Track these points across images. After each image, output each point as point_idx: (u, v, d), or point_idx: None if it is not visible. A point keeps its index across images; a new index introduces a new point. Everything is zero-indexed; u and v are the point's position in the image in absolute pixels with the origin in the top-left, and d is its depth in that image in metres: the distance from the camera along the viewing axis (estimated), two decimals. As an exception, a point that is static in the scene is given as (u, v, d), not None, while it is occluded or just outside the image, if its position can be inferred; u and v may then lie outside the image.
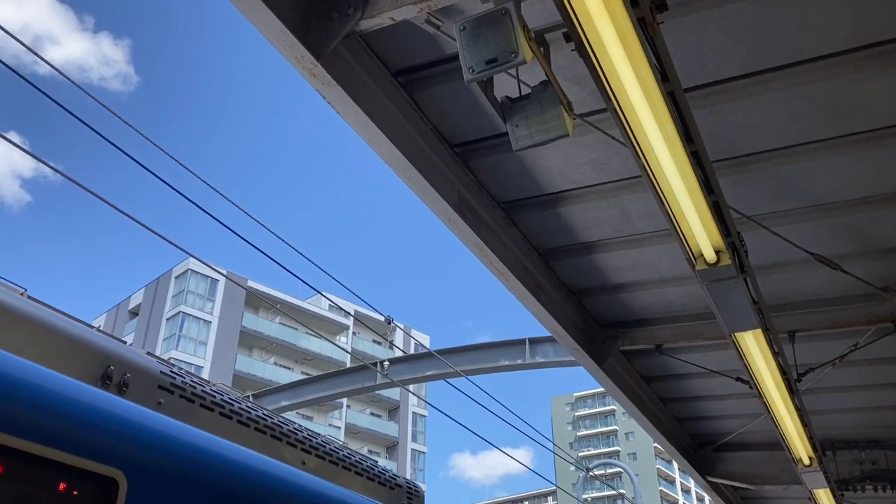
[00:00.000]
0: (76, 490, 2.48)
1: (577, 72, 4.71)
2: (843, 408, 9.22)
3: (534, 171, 5.73)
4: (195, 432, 3.24)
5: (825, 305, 6.94)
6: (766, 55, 4.47)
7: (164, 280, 56.97)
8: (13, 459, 2.35)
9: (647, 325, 7.66)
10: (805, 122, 4.95)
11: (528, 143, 3.55)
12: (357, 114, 4.48)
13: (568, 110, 3.55)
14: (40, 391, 2.53)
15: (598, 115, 5.03)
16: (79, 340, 3.51)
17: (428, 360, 13.42)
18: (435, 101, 5.16)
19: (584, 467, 20.77)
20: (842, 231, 5.96)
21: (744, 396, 9.05)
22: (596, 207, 6.04)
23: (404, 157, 4.92)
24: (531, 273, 6.58)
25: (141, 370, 3.76)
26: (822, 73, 4.54)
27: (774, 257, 6.33)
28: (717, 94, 4.79)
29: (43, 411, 2.47)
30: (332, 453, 4.88)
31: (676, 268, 6.70)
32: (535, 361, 12.79)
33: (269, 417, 4.53)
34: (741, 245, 4.72)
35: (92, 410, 2.65)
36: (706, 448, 10.70)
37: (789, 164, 5.30)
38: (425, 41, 4.68)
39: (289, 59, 4.12)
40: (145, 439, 2.82)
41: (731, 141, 5.17)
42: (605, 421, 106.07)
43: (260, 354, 58.79)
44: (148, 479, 2.73)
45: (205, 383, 4.22)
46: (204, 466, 3.10)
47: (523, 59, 3.07)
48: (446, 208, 5.38)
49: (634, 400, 8.59)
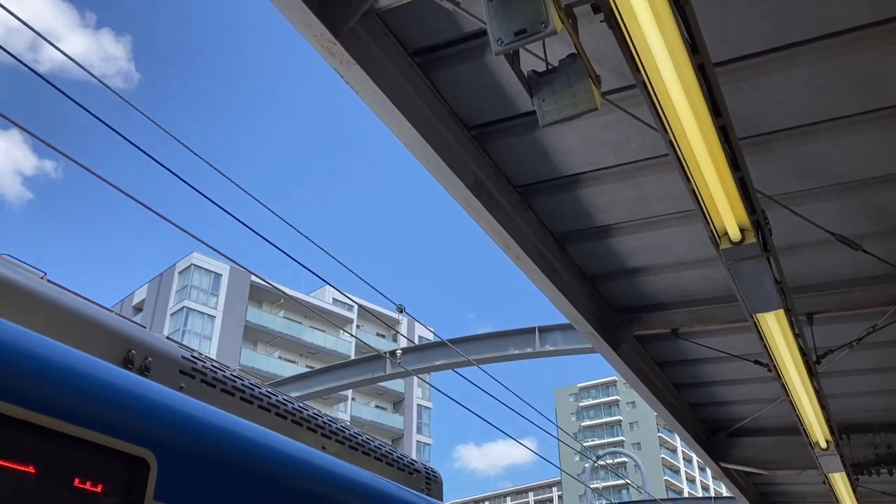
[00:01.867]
0: (107, 470, 2.43)
1: (597, 49, 4.64)
2: (859, 391, 9.16)
3: (551, 154, 5.66)
4: (222, 414, 3.19)
5: (844, 287, 6.87)
6: (790, 29, 4.39)
7: (168, 275, 56.94)
8: (41, 438, 2.29)
9: (662, 310, 7.59)
10: (828, 99, 4.87)
11: (556, 117, 3.48)
12: (375, 93, 4.41)
13: (596, 84, 3.48)
14: (68, 371, 2.47)
15: (618, 93, 4.96)
16: (100, 324, 3.45)
17: (438, 350, 13.38)
18: (452, 81, 5.09)
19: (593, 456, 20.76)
20: (863, 210, 5.89)
21: (758, 381, 8.99)
22: (613, 190, 5.97)
23: (423, 138, 4.86)
24: (547, 258, 6.52)
25: (162, 354, 3.71)
26: (847, 47, 4.46)
27: (793, 238, 6.26)
28: (739, 70, 4.72)
29: (72, 391, 2.42)
30: (351, 438, 4.83)
31: (693, 251, 6.63)
32: (544, 349, 12.76)
33: (288, 402, 4.48)
34: (766, 223, 4.66)
35: (121, 391, 2.60)
36: (719, 434, 10.65)
37: (811, 142, 5.22)
38: (443, 19, 4.60)
39: (307, 38, 4.05)
40: (174, 420, 2.77)
41: (752, 119, 5.10)
42: (610, 411, 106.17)
43: (264, 348, 58.82)
44: (178, 459, 2.68)
45: (225, 368, 4.17)
46: (232, 447, 3.04)
47: (554, 29, 3.00)
48: (464, 191, 5.31)
49: (649, 385, 8.54)
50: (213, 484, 2.93)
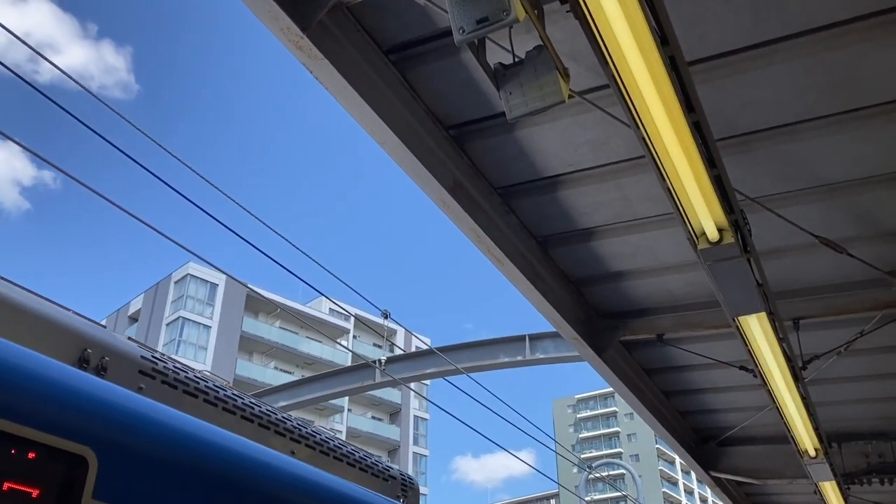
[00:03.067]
0: (42, 468, 2.32)
1: (572, 46, 4.56)
2: (849, 399, 9.05)
3: (531, 154, 5.58)
4: (176, 414, 3.08)
5: (830, 291, 6.78)
6: (769, 25, 4.31)
7: (164, 285, 56.80)
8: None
9: (647, 315, 7.50)
10: (810, 97, 4.79)
11: (524, 110, 3.39)
12: (346, 90, 4.32)
13: (563, 76, 3.39)
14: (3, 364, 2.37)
15: (596, 92, 4.88)
16: (52, 321, 3.35)
17: (428, 358, 13.26)
18: (428, 80, 5.01)
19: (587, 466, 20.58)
20: (848, 213, 5.81)
21: (747, 388, 8.88)
22: (595, 191, 5.89)
23: (397, 137, 4.77)
24: (529, 261, 6.43)
25: (120, 354, 3.60)
26: (828, 43, 4.39)
27: (777, 241, 6.17)
28: (718, 68, 4.64)
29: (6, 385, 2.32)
30: (322, 443, 4.71)
31: (678, 254, 6.55)
32: (535, 358, 12.63)
33: (256, 405, 4.37)
34: (745, 223, 4.57)
35: (58, 386, 2.49)
36: (710, 443, 10.53)
37: (793, 142, 5.14)
38: (417, 15, 4.53)
39: (274, 32, 3.97)
40: (119, 417, 2.66)
41: (732, 118, 5.02)
42: (607, 423, 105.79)
43: (260, 359, 58.59)
44: (121, 458, 2.57)
45: (188, 369, 4.06)
46: (185, 447, 2.94)
47: (516, 17, 2.92)
48: (441, 191, 5.23)
49: (636, 393, 8.43)
50: (163, 485, 2.82)
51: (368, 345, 62.95)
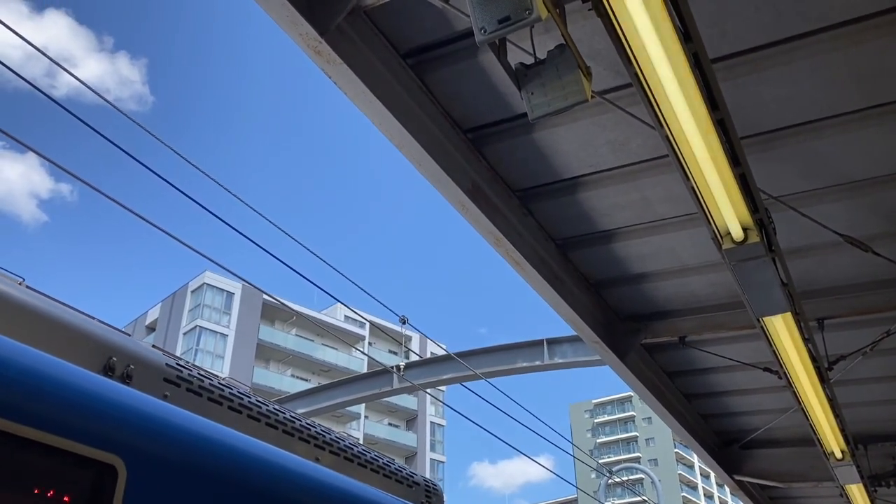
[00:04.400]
0: (73, 476, 2.31)
1: (591, 46, 4.54)
2: (875, 400, 8.92)
3: (549, 156, 5.54)
4: (203, 421, 3.07)
5: (855, 291, 6.68)
6: (790, 20, 4.26)
7: (181, 295, 57.12)
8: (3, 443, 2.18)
9: (669, 317, 7.42)
10: (833, 94, 4.73)
11: (546, 110, 3.36)
12: (364, 94, 4.31)
13: (586, 74, 3.36)
14: (35, 374, 2.36)
15: (616, 92, 4.85)
16: (79, 330, 3.35)
17: (445, 364, 13.22)
18: (445, 83, 4.99)
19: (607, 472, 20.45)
20: (872, 210, 5.72)
21: (771, 390, 8.78)
22: (615, 193, 5.84)
23: (416, 140, 4.75)
24: (549, 264, 6.38)
25: (145, 362, 3.60)
26: (851, 39, 4.33)
27: (801, 240, 6.09)
28: (739, 65, 4.59)
29: (34, 394, 2.31)
30: (346, 449, 4.69)
31: (700, 255, 6.48)
32: (553, 362, 12.56)
33: (280, 412, 4.36)
34: (769, 222, 4.51)
35: (88, 395, 2.49)
36: (732, 446, 10.41)
37: (817, 140, 5.08)
38: (434, 18, 4.51)
39: (292, 36, 3.97)
40: (147, 426, 2.65)
41: (754, 116, 4.96)
42: (625, 427, 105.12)
43: (277, 367, 58.75)
44: (150, 466, 2.56)
45: (213, 376, 4.05)
46: (213, 455, 2.92)
47: (538, 16, 2.89)
48: (459, 195, 5.20)
49: (658, 396, 8.35)
50: (191, 493, 2.80)
51: (384, 351, 62.97)
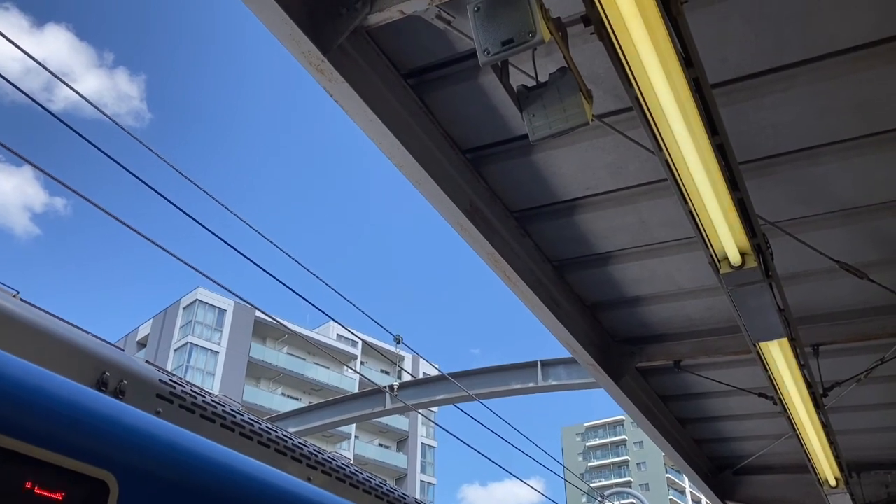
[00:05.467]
0: (63, 492, 2.27)
1: (592, 69, 4.56)
2: (869, 427, 8.90)
3: (548, 178, 5.56)
4: (195, 438, 3.03)
5: (850, 317, 6.69)
6: (790, 48, 4.30)
7: (173, 311, 56.87)
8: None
9: (664, 341, 7.41)
10: (830, 120, 4.76)
11: (547, 132, 3.37)
12: (366, 112, 4.32)
13: (587, 97, 3.38)
14: (27, 387, 2.33)
15: (615, 115, 4.87)
16: (72, 344, 3.32)
17: (439, 384, 13.14)
18: (446, 103, 5.01)
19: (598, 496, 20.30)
20: (868, 237, 5.74)
21: (765, 416, 8.76)
22: (612, 215, 5.85)
23: (415, 160, 4.76)
24: (545, 285, 6.37)
25: (138, 377, 3.57)
26: (850, 66, 4.37)
27: (797, 266, 6.10)
28: (738, 91, 4.62)
29: (29, 408, 2.28)
30: (338, 469, 4.64)
31: (696, 279, 6.48)
32: (547, 384, 12.50)
33: (272, 431, 4.31)
34: (767, 247, 4.52)
35: (79, 409, 2.45)
36: (726, 471, 10.36)
37: (815, 166, 5.10)
38: (436, 39, 4.54)
39: (295, 55, 3.98)
40: (139, 442, 2.61)
41: (753, 141, 4.99)
42: (617, 451, 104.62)
43: (268, 385, 58.40)
44: (142, 483, 2.52)
45: (206, 393, 4.02)
46: (204, 472, 2.88)
47: (541, 38, 2.91)
48: (458, 214, 5.20)
49: (652, 420, 8.31)
50: (183, 512, 2.76)
51: (376, 371, 62.69)
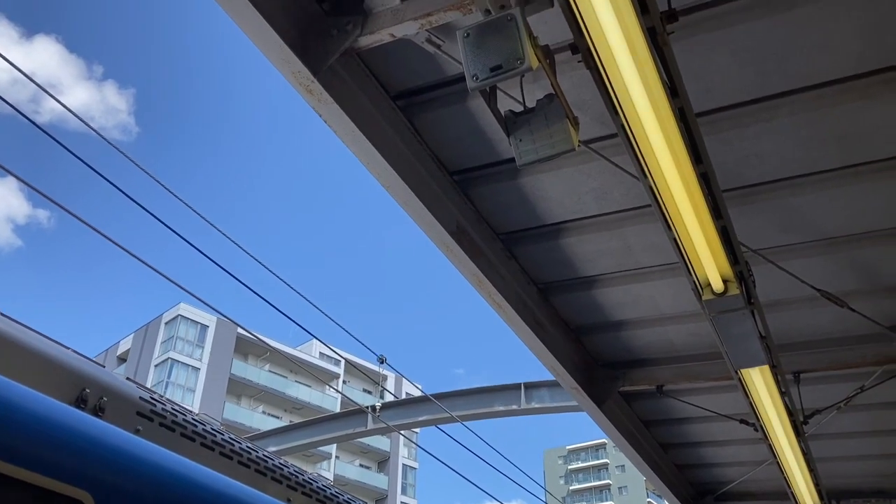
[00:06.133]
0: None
1: (578, 96, 4.62)
2: (849, 455, 8.95)
3: (534, 201, 5.59)
4: (174, 457, 3.01)
5: (831, 345, 6.74)
6: (773, 79, 4.37)
7: (154, 326, 56.32)
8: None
9: (647, 365, 7.44)
10: (812, 151, 4.84)
11: (533, 157, 3.41)
12: (354, 133, 4.34)
13: (574, 124, 3.42)
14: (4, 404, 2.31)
15: (600, 141, 4.92)
16: (51, 360, 3.29)
17: (421, 405, 13.10)
18: (434, 126, 5.04)
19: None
20: (849, 267, 5.81)
21: (746, 442, 8.78)
22: (597, 240, 5.89)
23: (403, 181, 4.78)
24: (530, 308, 6.39)
25: (118, 395, 3.53)
26: (832, 99, 4.45)
27: (778, 294, 6.16)
28: (722, 120, 4.69)
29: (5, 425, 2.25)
30: (318, 491, 4.61)
31: (679, 304, 6.52)
32: (530, 407, 12.51)
33: (253, 451, 4.28)
34: (749, 275, 4.57)
35: (60, 427, 2.43)
36: (707, 497, 10.35)
37: (796, 196, 5.17)
38: (426, 63, 4.58)
39: (285, 75, 4.00)
40: (116, 460, 2.59)
41: (735, 170, 5.05)
42: (598, 475, 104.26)
43: (248, 403, 57.82)
44: (118, 502, 2.49)
45: (186, 412, 3.98)
46: (182, 492, 2.86)
47: (529, 65, 2.95)
48: (444, 235, 5.22)
49: (634, 445, 8.31)
50: (160, 533, 2.73)
51: (358, 390, 62.29)
